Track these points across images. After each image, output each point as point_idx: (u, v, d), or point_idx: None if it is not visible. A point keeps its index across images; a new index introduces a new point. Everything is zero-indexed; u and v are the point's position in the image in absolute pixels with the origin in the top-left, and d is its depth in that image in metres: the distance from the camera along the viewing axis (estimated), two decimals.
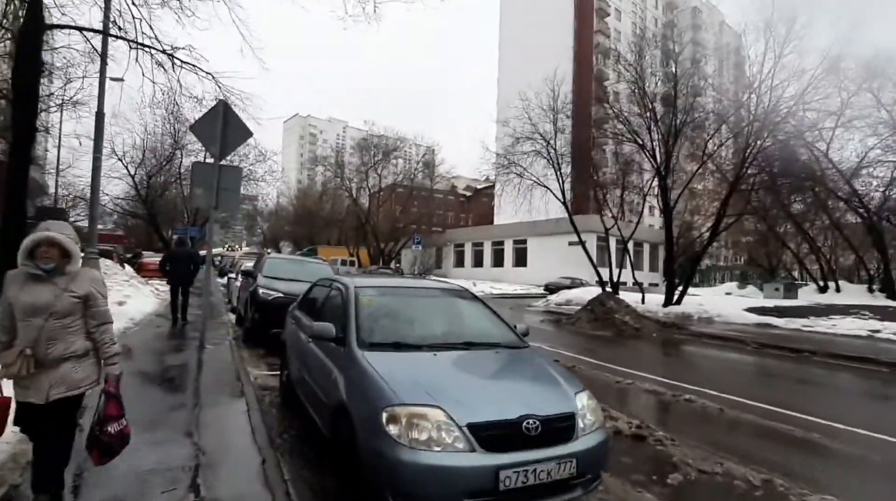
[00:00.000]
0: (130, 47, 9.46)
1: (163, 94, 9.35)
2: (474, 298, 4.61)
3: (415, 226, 42.23)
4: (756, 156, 16.17)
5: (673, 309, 16.85)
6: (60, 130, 23.38)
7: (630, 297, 16.74)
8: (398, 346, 3.46)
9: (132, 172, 32.20)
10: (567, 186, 21.88)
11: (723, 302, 18.02)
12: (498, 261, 39.74)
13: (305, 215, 49.53)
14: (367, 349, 3.36)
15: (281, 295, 7.77)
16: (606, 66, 52.95)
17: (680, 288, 17.68)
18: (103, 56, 11.43)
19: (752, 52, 16.68)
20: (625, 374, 7.86)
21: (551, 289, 28.32)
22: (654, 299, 18.28)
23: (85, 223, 38.29)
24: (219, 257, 35.31)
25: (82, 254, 10.92)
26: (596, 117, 44.96)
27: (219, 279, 25.02)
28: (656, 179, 17.85)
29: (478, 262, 41.35)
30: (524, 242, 37.90)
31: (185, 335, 8.41)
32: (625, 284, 23.09)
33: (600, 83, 48.57)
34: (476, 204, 63.09)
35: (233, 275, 13.48)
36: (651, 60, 18.31)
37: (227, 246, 50.55)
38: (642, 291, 17.63)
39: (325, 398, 3.55)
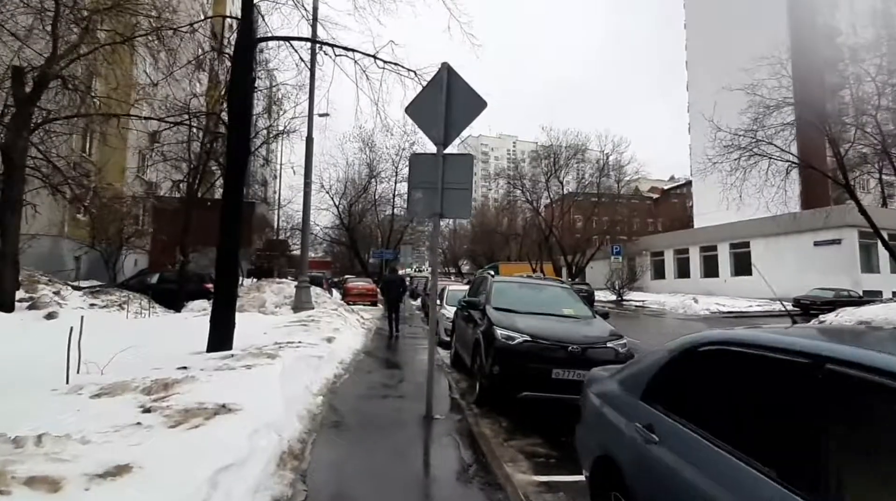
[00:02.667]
0: (336, 55, 8.69)
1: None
2: None
3: (597, 236, 37.67)
4: None
5: None
6: (280, 168, 25.57)
7: None
8: None
9: (336, 203, 34.96)
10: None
11: None
12: (710, 270, 32.61)
13: (484, 231, 48.70)
14: None
15: (529, 339, 5.15)
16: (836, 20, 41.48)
17: None
18: (312, 70, 10.84)
19: None
20: None
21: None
22: None
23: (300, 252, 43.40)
24: (408, 278, 35.95)
25: (295, 282, 9.96)
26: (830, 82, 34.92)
27: (412, 302, 24.53)
28: None
29: (683, 272, 34.65)
30: (746, 245, 30.31)
31: (399, 387, 6.39)
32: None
33: (832, 41, 37.80)
34: (665, 207, 54.98)
35: (437, 303, 11.63)
36: None
37: (415, 267, 52.44)
38: None
39: None
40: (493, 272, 7.57)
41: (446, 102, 4.90)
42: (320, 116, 23.71)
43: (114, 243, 19.51)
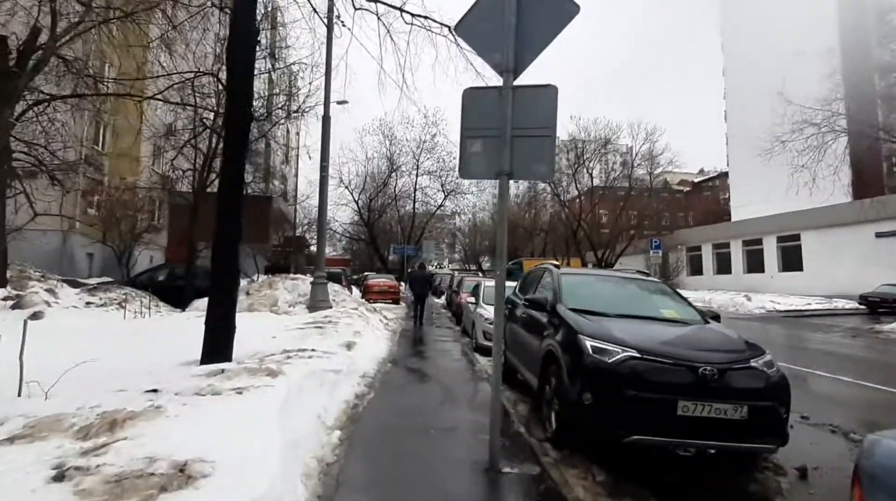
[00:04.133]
0: (356, 6, 7.45)
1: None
2: None
3: (629, 230, 35.51)
4: None
5: None
6: (297, 158, 24.41)
7: None
8: None
9: (356, 198, 33.73)
10: None
11: None
12: (755, 266, 30.24)
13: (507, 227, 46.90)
14: None
15: (634, 354, 3.54)
16: None
17: None
18: (329, 27, 9.46)
19: None
20: None
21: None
22: None
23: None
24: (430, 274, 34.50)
25: (311, 279, 8.43)
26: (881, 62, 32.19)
27: (436, 300, 23.01)
28: None
29: (723, 268, 32.31)
30: (796, 237, 27.88)
31: (442, 413, 4.86)
32: None
33: (883, 19, 34.74)
34: (697, 200, 52.33)
35: (472, 301, 10.19)
36: None
37: (435, 264, 50.98)
38: None
39: None
40: (555, 263, 5.93)
41: (517, 8, 3.31)
42: (338, 103, 22.40)
43: (126, 238, 18.51)
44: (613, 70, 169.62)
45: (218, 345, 5.79)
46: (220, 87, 10.69)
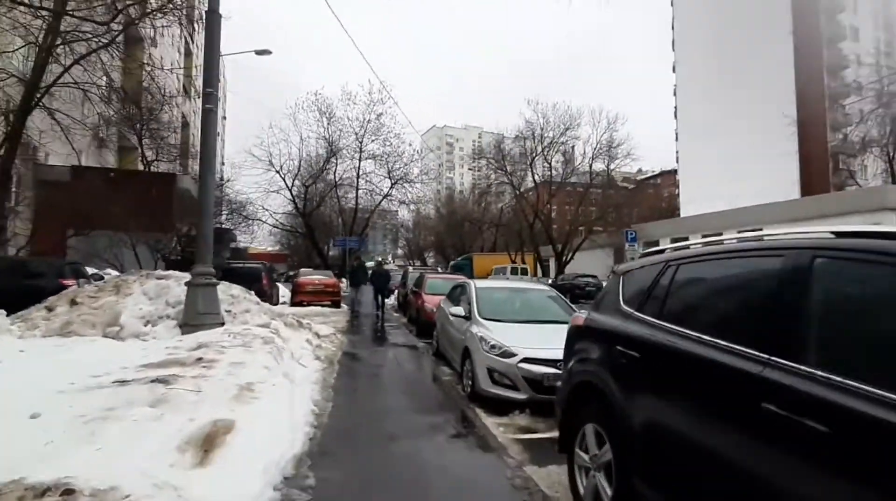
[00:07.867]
0: None
1: None
2: None
3: (585, 224, 33.01)
4: None
5: None
6: (224, 140, 19.11)
7: None
8: None
9: (289, 184, 28.47)
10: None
11: None
12: None
13: (455, 221, 43.34)
14: None
15: None
16: None
17: None
18: None
19: None
20: None
21: None
22: None
23: (251, 243, 35.71)
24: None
25: (187, 278, 3.65)
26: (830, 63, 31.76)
27: (387, 300, 18.71)
28: None
29: None
30: (758, 231, 26.42)
31: None
32: None
33: (832, 19, 34.38)
34: (642, 197, 51.34)
35: (458, 312, 6.13)
36: None
37: (380, 258, 46.35)
38: None
39: None
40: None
41: None
42: (258, 53, 17.36)
43: None
44: (561, 67, 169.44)
45: None
46: None
